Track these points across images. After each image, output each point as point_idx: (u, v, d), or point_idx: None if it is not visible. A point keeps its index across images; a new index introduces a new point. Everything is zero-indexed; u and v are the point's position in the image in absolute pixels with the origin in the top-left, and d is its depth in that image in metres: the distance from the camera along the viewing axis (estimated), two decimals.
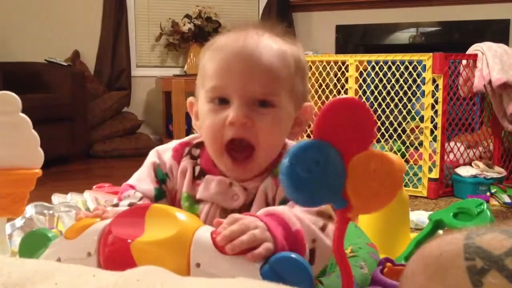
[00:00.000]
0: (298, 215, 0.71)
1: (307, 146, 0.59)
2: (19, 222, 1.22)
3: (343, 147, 0.59)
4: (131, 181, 0.91)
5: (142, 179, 0.90)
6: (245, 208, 0.83)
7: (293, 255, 0.62)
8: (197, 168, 0.88)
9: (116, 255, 0.65)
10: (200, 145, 0.90)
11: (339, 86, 2.88)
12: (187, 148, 0.91)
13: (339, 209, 0.61)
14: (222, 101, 0.82)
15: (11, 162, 0.75)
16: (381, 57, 2.75)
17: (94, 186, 1.53)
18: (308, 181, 0.58)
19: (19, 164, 0.76)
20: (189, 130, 4.09)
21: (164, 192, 0.90)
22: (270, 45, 0.83)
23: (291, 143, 0.88)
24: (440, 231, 1.26)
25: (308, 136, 2.65)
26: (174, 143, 0.92)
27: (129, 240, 0.64)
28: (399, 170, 1.27)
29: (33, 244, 0.76)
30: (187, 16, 4.52)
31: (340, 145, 0.59)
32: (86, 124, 3.86)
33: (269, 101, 0.82)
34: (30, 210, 1.24)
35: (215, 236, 0.63)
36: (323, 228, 0.73)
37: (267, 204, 0.83)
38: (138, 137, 4.20)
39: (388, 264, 0.79)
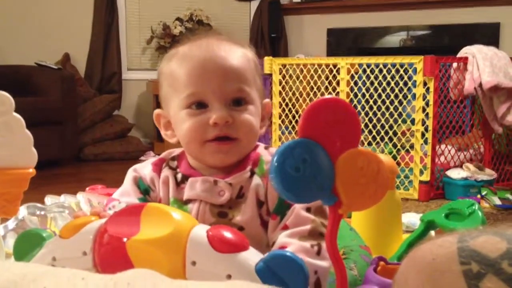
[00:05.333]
0: (295, 250, 0.74)
1: (293, 145, 0.61)
2: (11, 224, 1.21)
3: (329, 145, 0.62)
4: (114, 196, 0.93)
5: (125, 194, 0.92)
6: (232, 202, 0.86)
7: (288, 253, 0.63)
8: (179, 175, 0.91)
9: (111, 253, 0.65)
10: (175, 158, 0.94)
11: (330, 89, 2.88)
12: (164, 163, 0.95)
13: (329, 205, 0.63)
14: (199, 106, 0.86)
15: (4, 161, 0.75)
16: (372, 60, 2.75)
17: (87, 188, 1.53)
18: (297, 178, 0.60)
19: (12, 164, 0.76)
20: None
21: (148, 202, 0.91)
22: (233, 48, 0.90)
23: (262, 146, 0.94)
24: (432, 232, 1.27)
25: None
26: (150, 160, 0.96)
27: (124, 239, 0.64)
28: (390, 171, 1.26)
29: (28, 244, 0.76)
30: (178, 19, 4.51)
31: (326, 144, 0.62)
32: (76, 127, 3.84)
33: (243, 98, 0.88)
34: (22, 211, 1.23)
35: (211, 233, 0.64)
36: (318, 252, 0.76)
37: (259, 201, 0.86)
38: (128, 140, 4.18)
39: (381, 263, 0.81)
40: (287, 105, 3.03)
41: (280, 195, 0.62)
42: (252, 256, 0.64)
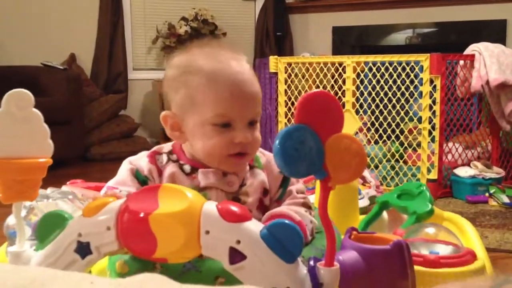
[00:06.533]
0: (295, 209, 0.99)
1: (292, 130, 0.74)
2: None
3: (320, 130, 0.75)
4: (111, 184, 0.99)
5: (122, 183, 0.98)
6: (239, 190, 1.02)
7: (286, 221, 0.76)
8: (186, 167, 1.02)
9: (135, 227, 0.75)
10: (172, 151, 1.05)
11: (336, 88, 2.87)
12: (163, 156, 1.03)
13: (321, 179, 0.76)
14: (224, 125, 0.98)
15: (25, 152, 0.84)
16: (378, 58, 2.74)
17: (67, 182, 1.58)
18: (296, 157, 0.73)
19: (32, 153, 0.85)
20: None
21: None
22: (247, 67, 1.01)
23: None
24: (384, 212, 1.47)
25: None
26: (144, 153, 1.04)
27: (142, 214, 0.74)
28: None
29: (51, 225, 0.83)
30: (184, 18, 4.51)
31: (317, 129, 0.75)
32: (83, 127, 3.85)
33: (257, 120, 1.02)
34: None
35: (220, 207, 0.76)
36: (310, 214, 1.02)
37: (264, 189, 1.04)
38: (135, 140, 4.18)
39: (354, 232, 0.95)
40: (293, 104, 3.02)
41: (282, 171, 0.76)
42: (256, 225, 0.76)
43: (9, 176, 0.84)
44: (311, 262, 0.76)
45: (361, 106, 2.86)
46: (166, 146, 1.05)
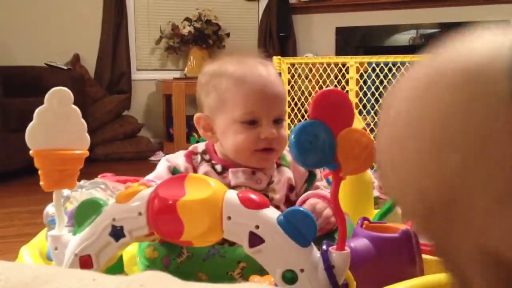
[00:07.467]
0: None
1: (307, 125, 0.80)
2: None
3: (332, 124, 0.81)
4: (149, 178, 1.06)
5: (159, 178, 1.03)
6: (267, 188, 1.08)
7: (302, 209, 0.83)
8: (218, 167, 1.09)
9: (163, 212, 0.82)
10: (205, 151, 1.12)
11: (339, 88, 2.88)
12: (197, 156, 1.11)
13: (333, 170, 0.82)
14: (252, 122, 1.05)
15: (65, 144, 0.93)
16: (382, 58, 2.74)
17: (99, 176, 1.61)
18: (310, 149, 0.79)
19: (71, 146, 0.94)
20: (189, 133, 4.09)
21: None
22: (273, 71, 1.10)
23: None
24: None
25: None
26: (181, 152, 1.12)
27: (170, 201, 0.81)
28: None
29: (87, 211, 0.91)
30: (187, 19, 4.52)
31: (330, 123, 0.81)
32: (87, 127, 3.85)
33: (283, 119, 1.09)
34: (66, 191, 1.33)
35: (241, 195, 0.82)
36: None
37: (290, 186, 1.10)
38: (138, 140, 4.19)
39: (366, 222, 1.00)
40: (296, 104, 3.03)
41: (296, 162, 0.82)
42: (273, 212, 0.82)
43: (50, 166, 0.92)
44: (324, 247, 0.82)
45: (364, 106, 2.86)
46: (200, 146, 1.13)
